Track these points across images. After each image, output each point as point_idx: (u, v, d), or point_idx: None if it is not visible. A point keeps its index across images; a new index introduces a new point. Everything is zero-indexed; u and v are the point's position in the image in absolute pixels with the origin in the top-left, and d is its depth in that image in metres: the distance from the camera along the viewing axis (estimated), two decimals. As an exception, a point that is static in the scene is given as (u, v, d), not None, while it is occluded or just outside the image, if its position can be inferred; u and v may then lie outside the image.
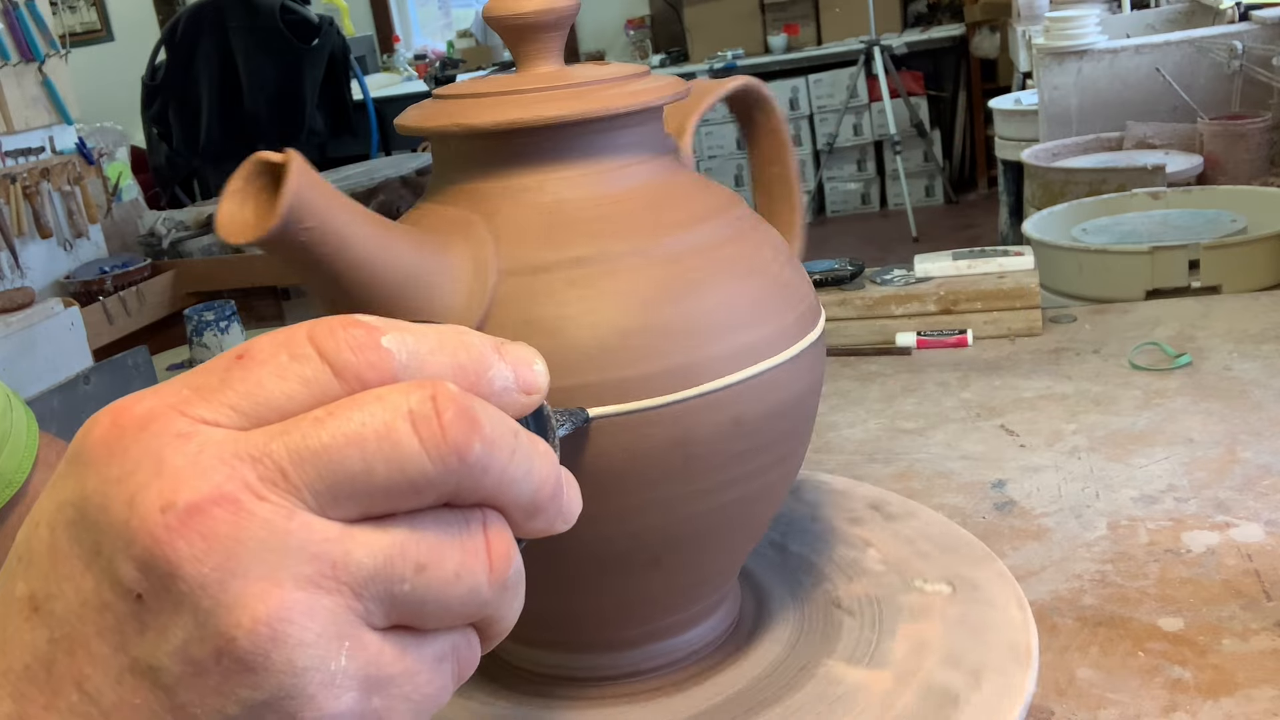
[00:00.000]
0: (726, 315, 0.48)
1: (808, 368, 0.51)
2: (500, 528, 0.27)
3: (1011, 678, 0.51)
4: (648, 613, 0.53)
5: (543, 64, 0.52)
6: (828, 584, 0.61)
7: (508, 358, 0.28)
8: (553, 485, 0.28)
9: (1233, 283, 1.48)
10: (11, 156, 2.60)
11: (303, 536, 0.24)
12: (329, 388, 0.25)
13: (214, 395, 0.25)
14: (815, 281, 1.14)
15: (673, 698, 0.54)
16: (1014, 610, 0.56)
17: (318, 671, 0.24)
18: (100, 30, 5.98)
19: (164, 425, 0.24)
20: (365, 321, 0.26)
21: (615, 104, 0.49)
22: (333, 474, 0.24)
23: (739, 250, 0.50)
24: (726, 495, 0.49)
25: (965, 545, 0.63)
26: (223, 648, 0.23)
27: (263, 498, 0.24)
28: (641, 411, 0.46)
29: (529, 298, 0.46)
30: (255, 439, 0.24)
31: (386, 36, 6.16)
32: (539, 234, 0.48)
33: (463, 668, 0.27)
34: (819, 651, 0.55)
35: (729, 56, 5.33)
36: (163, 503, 0.23)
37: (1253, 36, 2.55)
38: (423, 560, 0.25)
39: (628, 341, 0.46)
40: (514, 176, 0.49)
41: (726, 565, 0.55)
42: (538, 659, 0.56)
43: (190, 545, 0.23)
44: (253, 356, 0.26)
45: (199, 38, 3.69)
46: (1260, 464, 0.76)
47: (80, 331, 2.33)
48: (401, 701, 0.26)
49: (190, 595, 0.23)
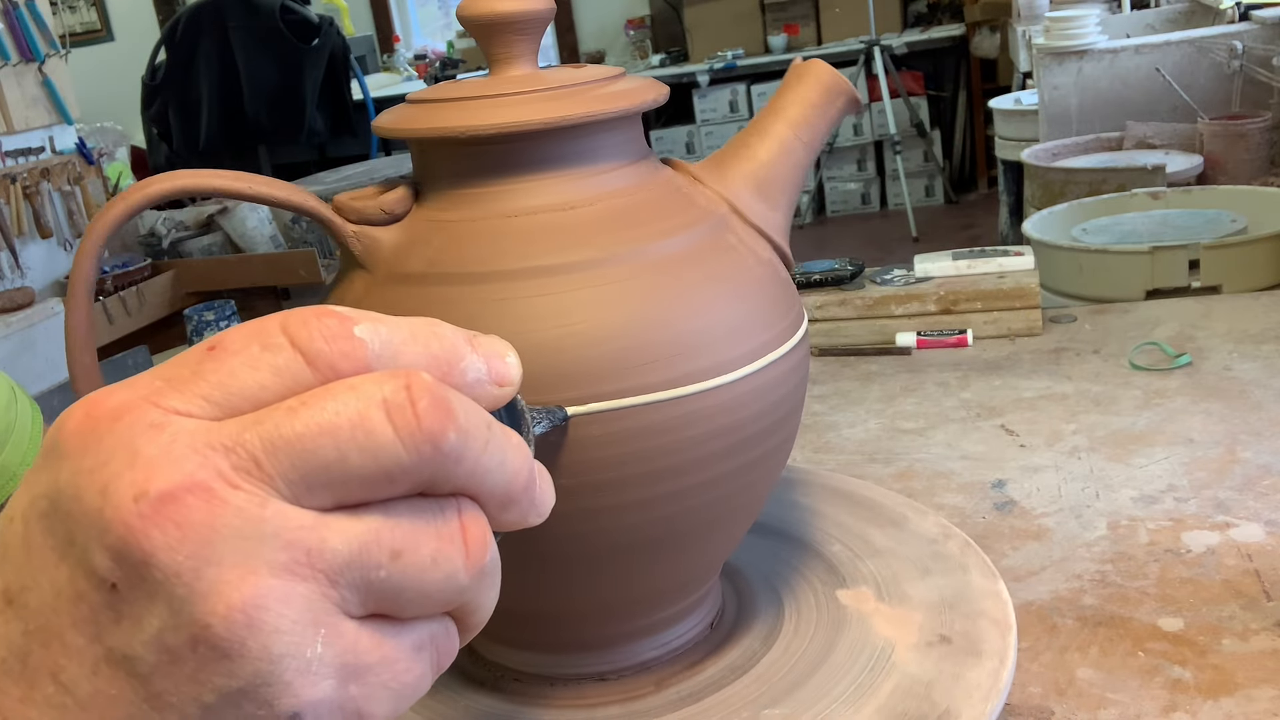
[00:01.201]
0: (705, 321, 0.47)
1: (791, 371, 0.51)
2: (475, 514, 0.27)
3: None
4: (627, 612, 0.53)
5: (516, 67, 0.51)
6: (815, 580, 0.61)
7: (480, 350, 0.28)
8: (526, 477, 0.28)
9: (1233, 283, 1.48)
10: (11, 156, 2.60)
11: (277, 524, 0.24)
12: (302, 377, 0.25)
13: (186, 386, 0.25)
14: (815, 281, 1.14)
15: (653, 696, 0.54)
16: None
17: (294, 659, 0.24)
18: (100, 30, 5.98)
19: (137, 416, 0.24)
20: (338, 311, 0.26)
21: (590, 109, 0.48)
22: (306, 463, 0.24)
23: (719, 255, 0.50)
24: (707, 495, 0.49)
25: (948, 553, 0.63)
26: (198, 635, 0.23)
27: (236, 486, 0.24)
28: (618, 410, 0.45)
29: (501, 304, 0.46)
30: (228, 428, 0.24)
31: (386, 36, 6.16)
32: (514, 240, 0.48)
33: (441, 657, 0.28)
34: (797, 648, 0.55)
35: (729, 56, 5.34)
36: (136, 492, 0.23)
37: (1253, 36, 2.55)
38: (398, 547, 0.25)
39: (604, 348, 0.46)
40: (488, 182, 0.49)
41: (707, 565, 0.55)
42: (521, 659, 0.56)
43: (164, 534, 0.23)
44: (225, 347, 0.26)
45: (199, 38, 3.69)
46: (1260, 464, 0.76)
47: (80, 331, 2.33)
48: (380, 689, 0.26)
49: (165, 584, 0.23)
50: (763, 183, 0.54)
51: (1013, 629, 0.55)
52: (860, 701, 0.51)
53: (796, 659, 0.55)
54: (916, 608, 0.57)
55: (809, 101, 0.55)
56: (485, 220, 0.49)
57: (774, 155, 0.54)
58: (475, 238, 0.48)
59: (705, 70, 5.31)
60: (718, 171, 0.54)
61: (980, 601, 0.57)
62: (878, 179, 5.31)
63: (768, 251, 0.54)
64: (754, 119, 0.56)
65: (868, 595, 0.59)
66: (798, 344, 0.52)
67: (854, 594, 0.59)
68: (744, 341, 0.49)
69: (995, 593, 0.58)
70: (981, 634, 0.55)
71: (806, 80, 0.55)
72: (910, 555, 0.63)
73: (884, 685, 0.52)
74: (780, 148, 0.54)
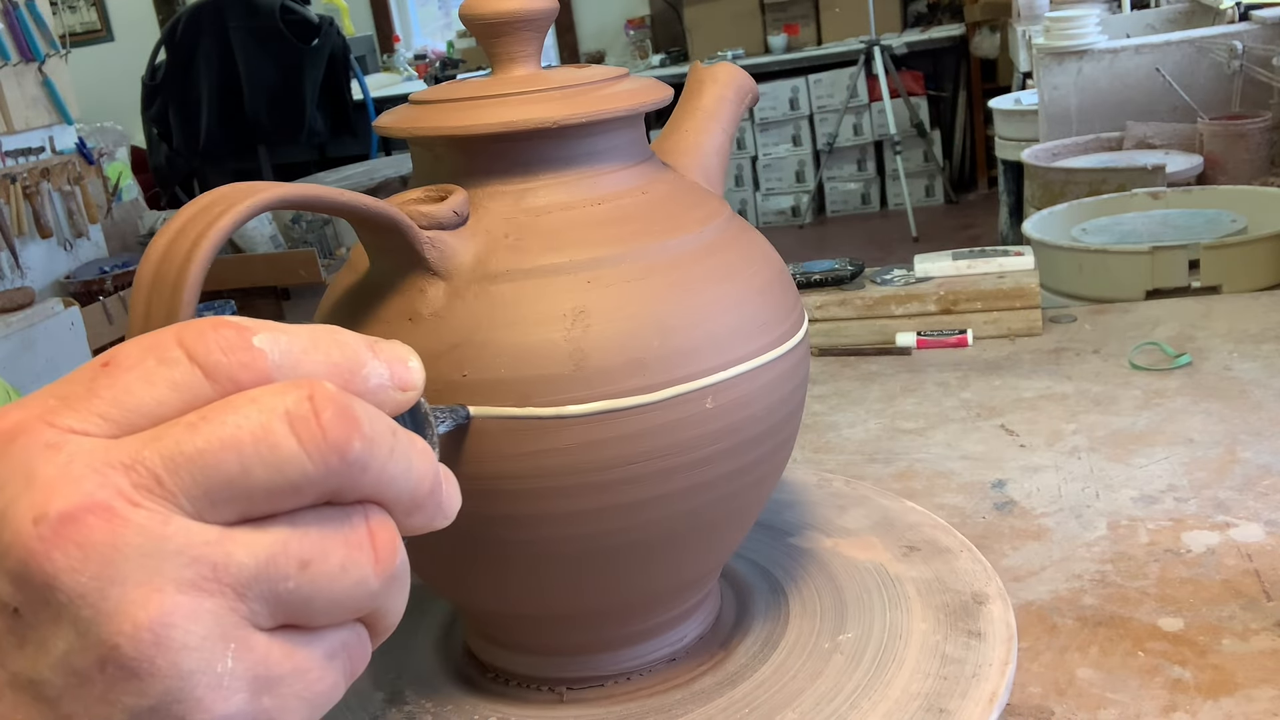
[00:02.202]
0: (705, 321, 0.47)
1: (791, 372, 0.51)
2: (383, 519, 0.27)
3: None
4: (627, 614, 0.53)
5: (519, 67, 0.51)
6: (813, 582, 0.61)
7: (382, 355, 0.28)
8: (431, 481, 0.28)
9: (1233, 283, 1.48)
10: (11, 156, 2.60)
11: (181, 541, 0.24)
12: (201, 391, 0.25)
13: (81, 404, 0.25)
14: (815, 281, 1.14)
15: (654, 697, 0.54)
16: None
17: (204, 674, 0.24)
18: (100, 30, 5.98)
19: (32, 437, 0.24)
20: (235, 322, 0.26)
21: (593, 109, 0.48)
22: (209, 478, 0.24)
23: (721, 255, 0.50)
24: (708, 495, 0.49)
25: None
26: (106, 656, 0.23)
27: (137, 504, 0.24)
28: (621, 411, 0.45)
29: (504, 304, 0.46)
30: (127, 446, 0.24)
31: (386, 36, 6.16)
32: (515, 240, 0.47)
33: (354, 664, 0.27)
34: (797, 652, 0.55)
35: (729, 56, 5.33)
36: (35, 514, 0.23)
37: (1253, 36, 2.55)
38: (306, 557, 0.25)
39: (604, 349, 0.46)
40: (488, 182, 0.49)
41: (707, 566, 0.55)
42: (522, 662, 0.56)
43: (66, 555, 0.23)
44: (119, 363, 0.25)
45: (199, 38, 3.69)
46: (1260, 464, 0.76)
47: (80, 331, 2.33)
48: (293, 700, 0.26)
49: (69, 605, 0.23)
50: (708, 171, 0.58)
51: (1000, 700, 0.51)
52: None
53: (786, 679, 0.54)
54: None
55: (725, 99, 0.59)
56: (490, 218, 0.48)
57: (717, 148, 0.59)
58: (482, 236, 0.48)
59: (705, 70, 5.31)
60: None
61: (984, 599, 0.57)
62: (878, 179, 5.31)
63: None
64: (675, 114, 0.60)
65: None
66: (798, 344, 0.52)
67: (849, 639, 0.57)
68: (745, 342, 0.49)
69: (996, 661, 0.53)
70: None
71: (720, 80, 0.60)
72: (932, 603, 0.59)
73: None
74: (718, 145, 0.59)
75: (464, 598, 0.55)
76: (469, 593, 0.54)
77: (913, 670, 0.53)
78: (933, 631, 0.56)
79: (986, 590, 0.59)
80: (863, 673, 0.53)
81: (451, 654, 0.59)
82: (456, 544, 0.48)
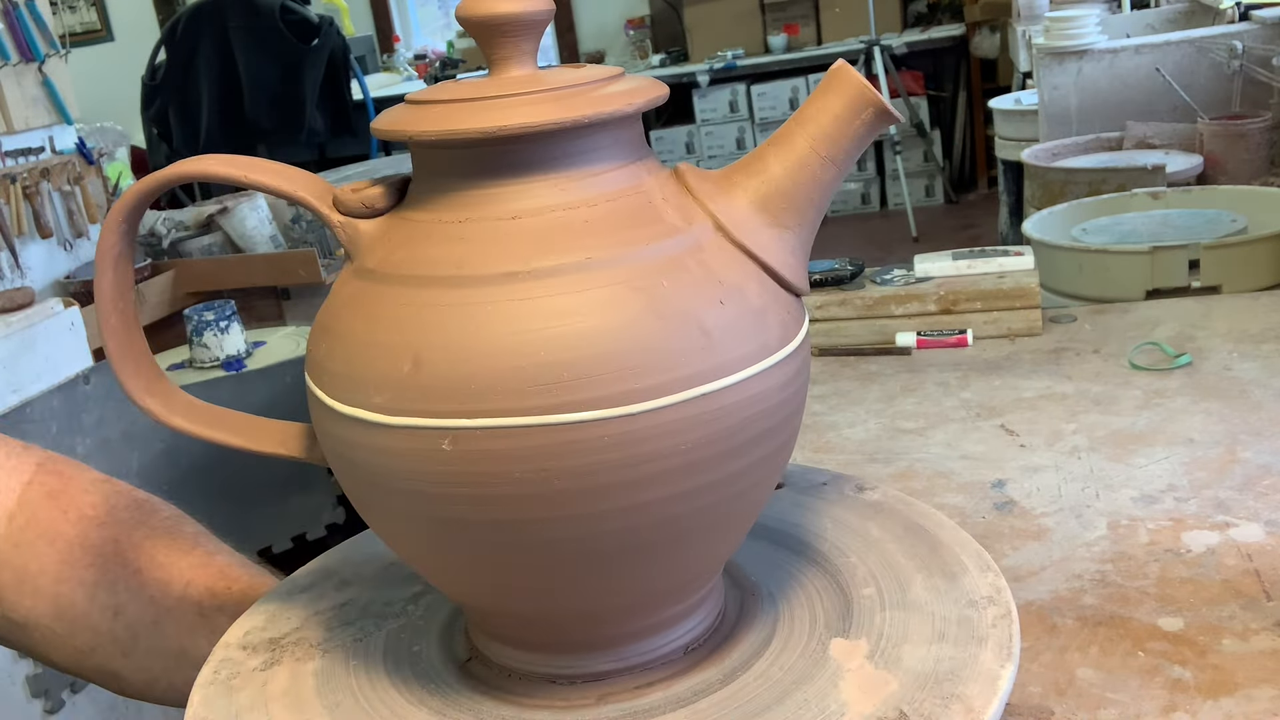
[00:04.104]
0: (703, 324, 0.47)
1: (793, 373, 0.51)
2: None
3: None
4: (626, 614, 0.53)
5: (516, 67, 0.51)
6: (814, 581, 0.61)
7: None
8: None
9: (1233, 283, 1.48)
10: (11, 156, 2.60)
11: None
12: None
13: None
14: (815, 281, 1.14)
15: (653, 696, 0.54)
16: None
17: None
18: (100, 30, 5.98)
19: None
20: None
21: (589, 110, 0.48)
22: None
23: (717, 257, 0.50)
24: (706, 499, 0.49)
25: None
26: None
27: None
28: (620, 418, 0.45)
29: (498, 307, 0.46)
30: None
31: (386, 36, 6.16)
32: (511, 242, 0.47)
33: None
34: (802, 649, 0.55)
35: (729, 56, 5.33)
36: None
37: (1253, 36, 2.55)
38: None
39: (603, 352, 0.45)
40: (485, 184, 0.49)
41: (707, 566, 0.55)
42: (523, 659, 0.56)
43: None
44: None
45: (199, 38, 3.69)
46: (1260, 464, 0.76)
47: (80, 331, 2.33)
48: None
49: None
50: (769, 198, 0.51)
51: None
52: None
53: (751, 697, 0.52)
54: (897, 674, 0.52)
55: (832, 112, 0.51)
56: (483, 221, 0.48)
57: (787, 169, 0.51)
58: (466, 239, 0.48)
59: (705, 70, 5.31)
60: (724, 183, 0.53)
61: (966, 684, 0.51)
62: (878, 179, 5.31)
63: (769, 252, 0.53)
64: (781, 126, 0.53)
65: (860, 648, 0.55)
66: (798, 348, 0.52)
67: (849, 645, 0.55)
68: (744, 344, 0.48)
69: (994, 675, 0.51)
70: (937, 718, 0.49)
71: (831, 89, 0.51)
72: (937, 612, 0.57)
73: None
74: (795, 162, 0.51)
75: (466, 596, 0.56)
76: (471, 591, 0.54)
77: (913, 669, 0.52)
78: (933, 631, 0.56)
79: (989, 591, 0.59)
80: (861, 672, 0.53)
81: (454, 647, 0.59)
82: (459, 546, 0.48)
